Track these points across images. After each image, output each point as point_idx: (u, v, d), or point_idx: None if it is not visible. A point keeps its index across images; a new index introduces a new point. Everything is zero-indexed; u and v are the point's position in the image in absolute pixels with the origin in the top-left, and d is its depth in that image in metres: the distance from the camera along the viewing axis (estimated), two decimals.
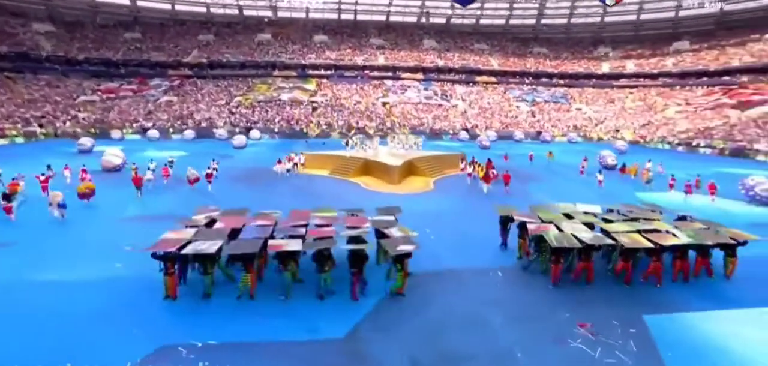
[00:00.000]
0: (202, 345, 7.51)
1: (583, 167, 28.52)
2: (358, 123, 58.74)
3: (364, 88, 72.77)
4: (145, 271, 10.19)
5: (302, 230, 10.59)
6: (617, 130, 62.48)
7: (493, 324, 8.57)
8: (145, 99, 60.79)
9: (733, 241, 10.86)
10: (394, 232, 10.47)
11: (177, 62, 68.83)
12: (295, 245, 9.43)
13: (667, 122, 59.12)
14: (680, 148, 48.12)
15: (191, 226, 10.82)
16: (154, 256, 9.12)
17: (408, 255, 9.44)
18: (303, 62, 73.09)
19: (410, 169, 25.23)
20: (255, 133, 48.72)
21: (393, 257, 9.30)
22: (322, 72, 74.03)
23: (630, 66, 76.38)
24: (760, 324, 8.88)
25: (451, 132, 60.15)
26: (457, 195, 21.35)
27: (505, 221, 12.73)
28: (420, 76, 77.43)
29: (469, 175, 25.01)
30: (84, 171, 21.51)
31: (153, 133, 46.65)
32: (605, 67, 78.56)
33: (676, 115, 60.32)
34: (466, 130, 60.14)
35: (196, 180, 21.09)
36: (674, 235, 10.83)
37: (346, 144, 26.86)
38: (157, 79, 66.51)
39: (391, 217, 11.80)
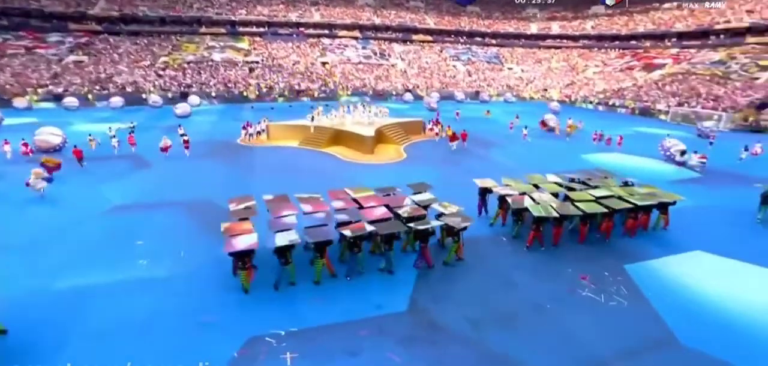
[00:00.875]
0: (285, 333, 8.32)
1: (512, 124, 34.59)
2: (299, 85, 57.33)
3: (300, 47, 70.42)
4: (180, 268, 10.47)
5: (357, 213, 11.50)
6: (545, 90, 68.52)
7: (521, 283, 10.44)
8: (46, 59, 52.87)
9: (668, 201, 13.85)
10: (447, 208, 12.01)
11: (80, 14, 60.21)
12: (371, 228, 10.41)
13: (587, 82, 66.18)
14: (600, 108, 54.69)
15: (243, 218, 10.96)
16: (232, 253, 9.52)
17: (464, 228, 11.00)
18: (232, 18, 68.23)
19: (380, 137, 26.23)
20: (194, 99, 45.35)
21: (456, 231, 10.89)
22: (254, 29, 69.92)
23: (555, 27, 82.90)
24: (697, 263, 11.89)
25: (394, 93, 61.34)
26: (429, 162, 22.95)
27: (484, 192, 14.59)
28: (357, 34, 76.73)
29: (436, 134, 28.55)
30: (25, 144, 21.44)
31: (70, 100, 41.09)
32: (533, 28, 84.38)
33: (595, 76, 67.68)
34: (409, 91, 61.74)
35: (169, 147, 22.37)
36: (626, 199, 13.43)
37: (312, 119, 26.81)
38: (55, 35, 57.85)
39: (429, 194, 13.10)
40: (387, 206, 11.96)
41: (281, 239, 9.61)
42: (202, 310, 9.01)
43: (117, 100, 43.09)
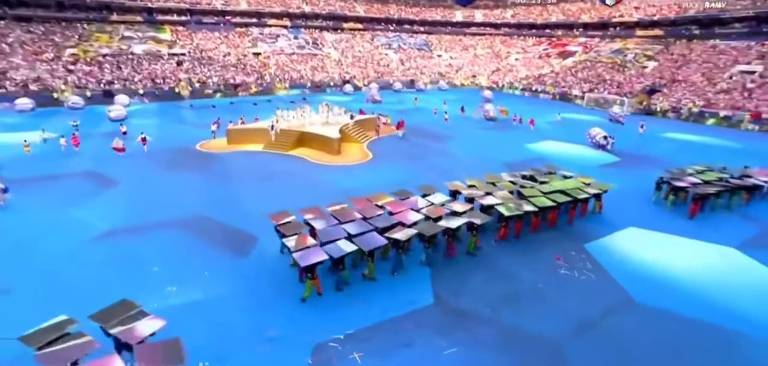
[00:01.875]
0: (344, 336, 9.75)
1: (435, 109, 40.28)
2: (234, 79, 55.49)
3: (229, 37, 67.58)
4: (213, 289, 11.26)
5: (391, 218, 13.46)
6: (474, 76, 73.84)
7: (513, 271, 12.88)
8: None
9: (601, 190, 17.29)
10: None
11: None
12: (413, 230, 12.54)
13: (511, 69, 72.61)
14: (526, 94, 60.79)
15: (294, 234, 12.06)
16: (307, 267, 10.67)
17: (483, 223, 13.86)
18: (149, 5, 63.09)
19: (343, 136, 27.46)
20: (122, 98, 41.81)
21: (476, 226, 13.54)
22: (176, 17, 65.48)
23: (478, 15, 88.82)
24: (634, 237, 15.39)
25: (331, 84, 61.91)
26: (394, 160, 24.81)
27: (454, 194, 16.86)
28: (286, 22, 75.41)
29: (385, 124, 33.26)
30: None
31: None
32: (458, 16, 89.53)
33: (517, 63, 74.39)
34: (348, 81, 62.74)
35: (123, 149, 23.82)
36: (568, 193, 16.54)
37: (272, 128, 26.93)
38: None
39: (441, 195, 15.73)
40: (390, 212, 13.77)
41: (347, 247, 11.32)
42: (258, 325, 10.05)
43: (25, 102, 38.38)
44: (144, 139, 25.08)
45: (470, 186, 16.88)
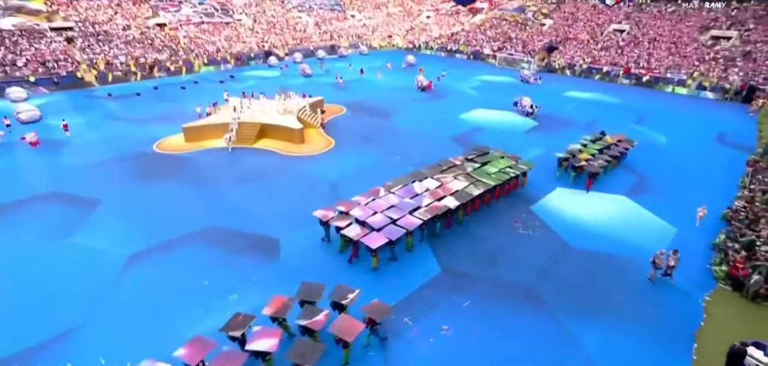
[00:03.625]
0: (393, 305, 13.56)
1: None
2: (145, 57, 51.97)
3: (121, 6, 61.47)
4: (270, 291, 14.22)
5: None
6: (390, 36, 77.41)
7: (486, 236, 17.69)
8: None
9: (528, 167, 22.78)
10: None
11: None
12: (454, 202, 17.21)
13: (424, 27, 77.48)
14: (442, 54, 66.31)
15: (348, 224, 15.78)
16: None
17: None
18: None
19: (302, 122, 29.73)
20: (16, 92, 37.65)
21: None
22: None
23: None
24: (562, 196, 21.29)
25: (253, 55, 60.83)
26: (355, 144, 28.14)
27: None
28: None
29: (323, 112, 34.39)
30: None
31: None
32: None
33: (429, 21, 79.40)
34: (270, 53, 62.03)
35: (37, 143, 26.70)
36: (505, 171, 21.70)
37: (229, 140, 27.05)
38: None
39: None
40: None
41: (396, 233, 15.27)
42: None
43: None
44: (65, 126, 29.44)
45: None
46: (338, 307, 12.46)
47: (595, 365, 11.68)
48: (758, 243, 15.72)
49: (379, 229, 15.57)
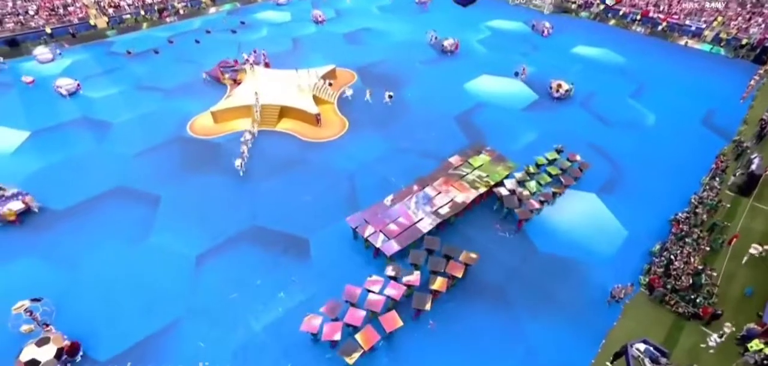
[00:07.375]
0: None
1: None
2: None
3: None
4: (311, 288, 20.74)
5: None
6: None
7: (474, 236, 23.80)
8: None
9: (509, 170, 28.00)
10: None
11: None
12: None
13: None
14: None
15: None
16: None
17: None
18: None
19: (317, 101, 34.48)
20: (44, 54, 42.17)
21: None
22: None
23: None
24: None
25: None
26: (371, 126, 33.00)
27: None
28: None
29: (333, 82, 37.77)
30: None
31: None
32: None
33: None
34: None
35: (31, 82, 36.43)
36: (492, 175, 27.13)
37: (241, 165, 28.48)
38: None
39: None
40: None
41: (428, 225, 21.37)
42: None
43: None
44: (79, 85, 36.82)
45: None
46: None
47: (534, 353, 18.39)
48: (674, 263, 21.36)
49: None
